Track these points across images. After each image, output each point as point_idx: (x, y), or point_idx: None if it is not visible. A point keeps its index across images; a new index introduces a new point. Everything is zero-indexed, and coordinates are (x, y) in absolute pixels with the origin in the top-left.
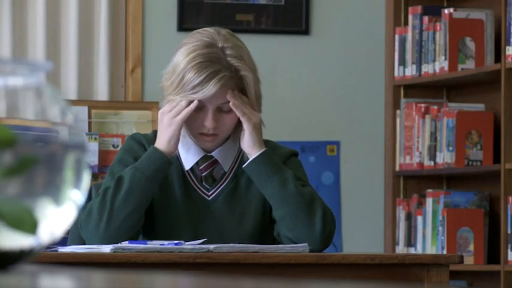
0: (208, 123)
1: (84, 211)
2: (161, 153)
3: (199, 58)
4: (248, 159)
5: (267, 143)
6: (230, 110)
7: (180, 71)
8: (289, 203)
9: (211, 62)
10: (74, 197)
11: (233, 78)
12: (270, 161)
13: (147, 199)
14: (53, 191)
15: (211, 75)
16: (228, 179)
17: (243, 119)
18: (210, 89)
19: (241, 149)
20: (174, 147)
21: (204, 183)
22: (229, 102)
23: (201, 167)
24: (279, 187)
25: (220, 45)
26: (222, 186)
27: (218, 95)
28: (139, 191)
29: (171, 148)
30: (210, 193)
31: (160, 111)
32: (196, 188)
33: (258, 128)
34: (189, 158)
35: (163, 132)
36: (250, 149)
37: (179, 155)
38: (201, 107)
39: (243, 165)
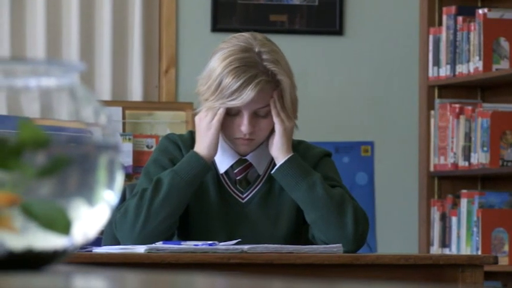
0: (245, 128)
1: (120, 211)
2: (201, 158)
3: (236, 63)
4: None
5: (300, 143)
6: (266, 115)
7: (216, 76)
8: (319, 207)
9: (248, 67)
10: (107, 198)
11: (270, 82)
12: (297, 166)
13: (184, 203)
14: (86, 191)
15: (248, 80)
16: (262, 182)
17: (276, 120)
18: (248, 94)
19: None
20: (214, 151)
21: (238, 186)
22: (265, 106)
23: (235, 171)
24: (308, 191)
25: (256, 49)
26: (256, 189)
27: (255, 100)
28: (177, 195)
29: (211, 152)
30: (244, 196)
31: (196, 117)
32: (230, 191)
33: (288, 132)
34: (223, 161)
35: (203, 137)
36: (278, 152)
37: (214, 158)
38: (237, 112)
39: (272, 172)
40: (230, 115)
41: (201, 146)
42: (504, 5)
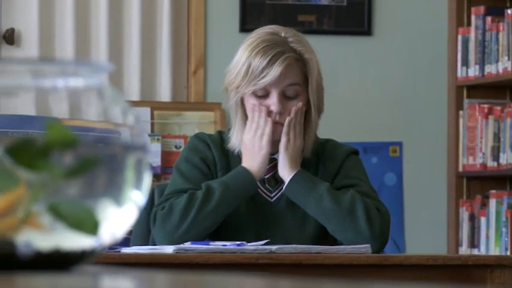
0: (275, 107)
1: (161, 207)
2: (252, 176)
3: (262, 44)
4: (308, 155)
5: (327, 141)
6: (295, 96)
7: (245, 61)
8: (331, 218)
9: (276, 45)
10: (135, 198)
11: (298, 60)
12: (302, 181)
13: (226, 216)
14: (114, 192)
15: (276, 55)
16: None
17: (283, 137)
18: (277, 69)
19: (303, 151)
20: (264, 171)
21: (267, 185)
22: (294, 84)
23: None
24: (316, 206)
25: (283, 34)
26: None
27: (284, 76)
28: (225, 208)
29: (261, 172)
30: (273, 195)
31: (245, 138)
32: (259, 190)
33: (291, 151)
34: None
35: (256, 157)
36: (283, 172)
37: (242, 157)
38: (266, 94)
39: (283, 191)
40: (258, 97)
41: (253, 165)
42: None
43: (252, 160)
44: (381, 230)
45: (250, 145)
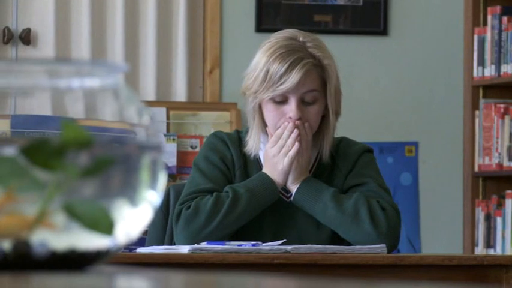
0: (293, 113)
1: (187, 206)
2: (276, 187)
3: (281, 49)
4: (326, 159)
5: (341, 140)
6: (314, 101)
7: (263, 66)
8: (337, 225)
9: (294, 51)
10: (150, 198)
11: (317, 66)
12: (307, 192)
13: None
14: (129, 191)
15: (295, 62)
16: None
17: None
18: (295, 76)
19: (319, 152)
20: (283, 184)
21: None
22: (312, 91)
23: None
24: (322, 215)
25: (301, 39)
26: None
27: (303, 82)
28: (249, 215)
29: (285, 181)
30: (289, 195)
31: (269, 150)
32: None
33: (298, 166)
34: None
35: (275, 172)
36: (289, 184)
37: (259, 157)
38: (284, 99)
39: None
40: (276, 103)
41: (277, 174)
42: None
43: (273, 173)
44: (387, 229)
45: (274, 160)
